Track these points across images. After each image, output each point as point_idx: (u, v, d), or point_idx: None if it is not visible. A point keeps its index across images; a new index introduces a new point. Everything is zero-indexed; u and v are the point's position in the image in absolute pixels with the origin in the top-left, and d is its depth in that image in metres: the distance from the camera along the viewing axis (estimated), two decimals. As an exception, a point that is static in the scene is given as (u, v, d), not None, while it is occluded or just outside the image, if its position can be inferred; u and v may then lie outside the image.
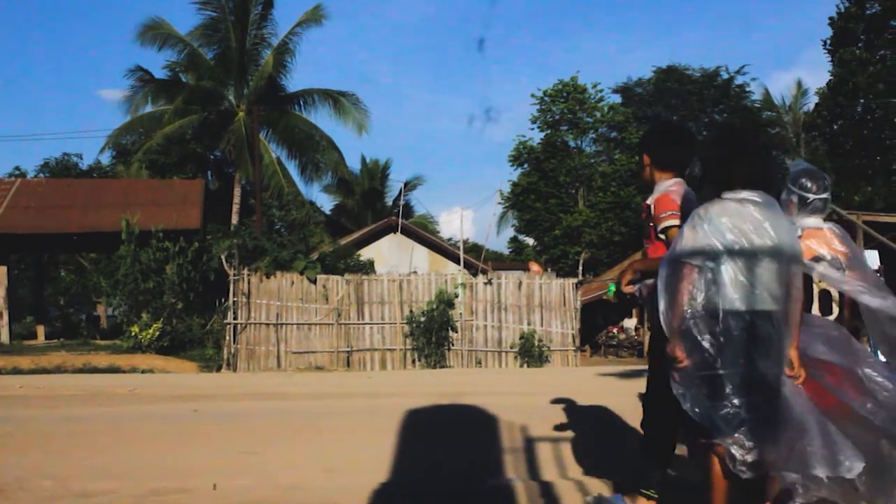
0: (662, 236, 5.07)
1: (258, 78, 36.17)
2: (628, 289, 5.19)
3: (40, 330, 32.74)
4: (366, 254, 28.93)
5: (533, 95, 44.44)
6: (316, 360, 21.86)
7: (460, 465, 7.16)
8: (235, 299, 21.64)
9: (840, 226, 5.68)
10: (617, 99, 46.79)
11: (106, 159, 45.07)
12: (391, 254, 31.85)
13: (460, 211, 43.45)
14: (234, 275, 21.64)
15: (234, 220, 35.63)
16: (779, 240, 4.28)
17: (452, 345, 22.27)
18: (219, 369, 21.27)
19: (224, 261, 21.86)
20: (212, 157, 41.29)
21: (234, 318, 21.58)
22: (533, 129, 45.48)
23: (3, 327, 28.07)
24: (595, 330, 33.03)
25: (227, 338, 21.57)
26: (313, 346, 21.97)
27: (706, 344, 4.17)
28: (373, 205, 50.70)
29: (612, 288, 5.26)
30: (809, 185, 5.74)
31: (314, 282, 22.18)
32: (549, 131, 44.27)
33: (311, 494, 6.09)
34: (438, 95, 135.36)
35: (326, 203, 52.64)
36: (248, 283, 21.79)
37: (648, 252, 5.26)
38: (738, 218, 4.28)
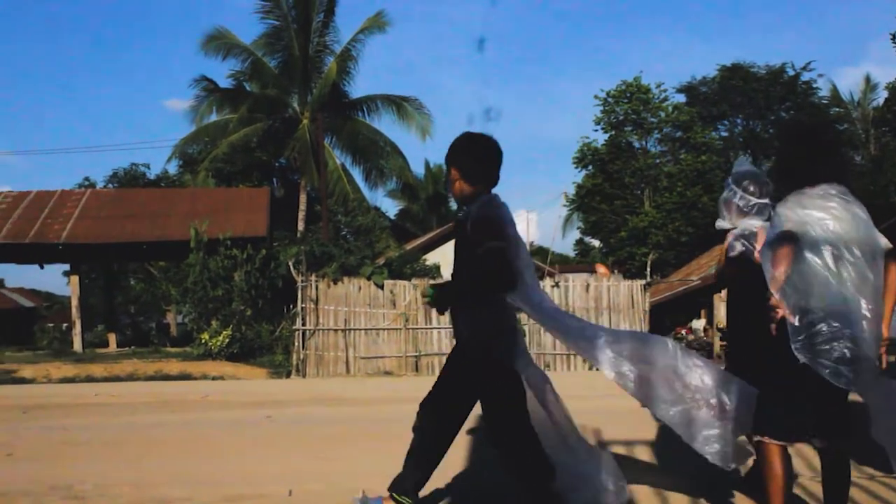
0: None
1: (322, 85, 36.32)
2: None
3: (112, 338, 33.16)
4: (431, 258, 28.91)
5: (596, 97, 44.27)
6: (384, 365, 21.88)
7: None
8: (304, 305, 21.72)
9: None
10: (681, 98, 46.43)
11: (173, 169, 45.58)
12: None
13: (525, 214, 43.31)
14: (302, 281, 21.72)
15: (301, 226, 35.84)
16: (863, 230, 4.27)
17: (521, 348, 22.16)
18: (288, 375, 21.36)
19: (292, 267, 21.95)
20: (277, 164, 41.58)
21: (303, 325, 21.65)
22: (597, 130, 45.35)
23: (76, 336, 28.47)
24: (663, 331, 32.74)
25: (296, 344, 21.65)
26: (382, 351, 21.99)
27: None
28: (437, 209, 50.76)
29: (430, 291, 5.17)
30: (753, 188, 5.84)
31: (381, 287, 22.20)
32: (613, 132, 44.05)
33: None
34: (500, 98, 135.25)
35: (391, 208, 52.79)
36: (316, 289, 21.86)
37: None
38: (822, 209, 4.27)
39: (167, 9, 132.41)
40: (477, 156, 5.23)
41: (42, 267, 34.28)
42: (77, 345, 28.00)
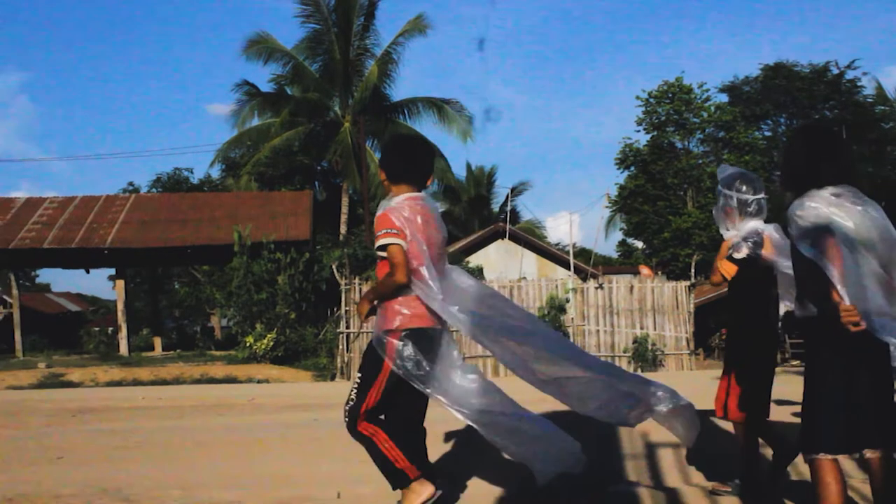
0: (383, 253, 4.87)
1: (363, 88, 36.39)
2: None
3: (157, 342, 33.41)
4: (474, 260, 28.91)
5: (638, 97, 44.03)
6: (428, 368, 21.85)
7: (586, 471, 7.08)
8: (347, 308, 21.77)
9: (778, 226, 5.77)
10: (724, 98, 45.99)
11: (216, 173, 45.87)
12: (499, 260, 31.76)
13: (568, 216, 43.29)
14: (346, 284, 21.78)
15: (343, 229, 35.94)
16: (879, 230, 4.18)
17: (565, 350, 22.08)
18: (333, 378, 21.42)
19: (335, 270, 22.01)
20: (319, 167, 41.69)
21: (347, 327, 21.71)
22: (639, 131, 45.03)
23: (121, 340, 28.72)
24: (708, 333, 32.52)
25: (340, 347, 21.72)
26: (425, 353, 21.95)
27: None
28: (479, 211, 50.69)
29: None
30: (745, 188, 5.84)
31: (424, 289, 22.17)
32: (655, 133, 43.76)
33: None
34: (541, 100, 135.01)
35: (432, 211, 52.74)
36: (360, 292, 21.89)
37: (377, 271, 5.12)
38: (838, 207, 4.19)
39: (209, 15, 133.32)
40: (397, 157, 5.24)
41: (88, 271, 34.64)
42: (123, 348, 28.23)
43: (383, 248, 4.81)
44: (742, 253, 5.70)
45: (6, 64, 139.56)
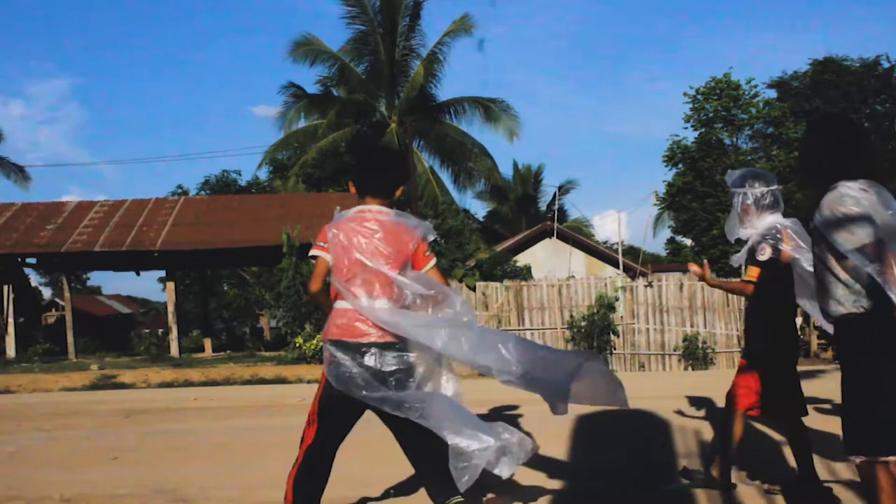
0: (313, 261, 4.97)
1: (409, 88, 36.42)
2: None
3: (207, 343, 33.66)
4: (522, 259, 28.87)
5: (685, 94, 43.68)
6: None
7: (635, 470, 7.04)
8: (396, 308, 21.77)
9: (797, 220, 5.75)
10: (772, 94, 45.63)
11: (263, 175, 46.13)
12: (547, 259, 31.70)
13: (616, 214, 43.05)
14: (395, 284, 21.78)
15: (392, 229, 35.94)
16: None
17: (614, 349, 21.98)
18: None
19: (383, 270, 22.03)
20: (365, 168, 41.72)
21: (395, 328, 21.72)
22: (686, 127, 44.68)
23: (172, 341, 28.96)
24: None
25: (389, 346, 21.73)
26: (475, 352, 21.91)
27: None
28: (526, 210, 50.60)
29: None
30: (757, 183, 5.74)
31: (473, 289, 22.18)
32: (702, 130, 43.44)
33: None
34: (588, 98, 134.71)
35: (479, 210, 52.72)
36: (408, 291, 21.90)
37: None
38: (867, 202, 4.07)
39: (254, 18, 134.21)
40: (357, 170, 5.26)
41: (138, 274, 34.95)
42: (174, 350, 28.46)
43: (314, 257, 4.96)
44: (766, 254, 5.66)
45: (56, 70, 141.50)
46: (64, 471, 7.97)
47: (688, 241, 47.67)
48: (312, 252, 4.94)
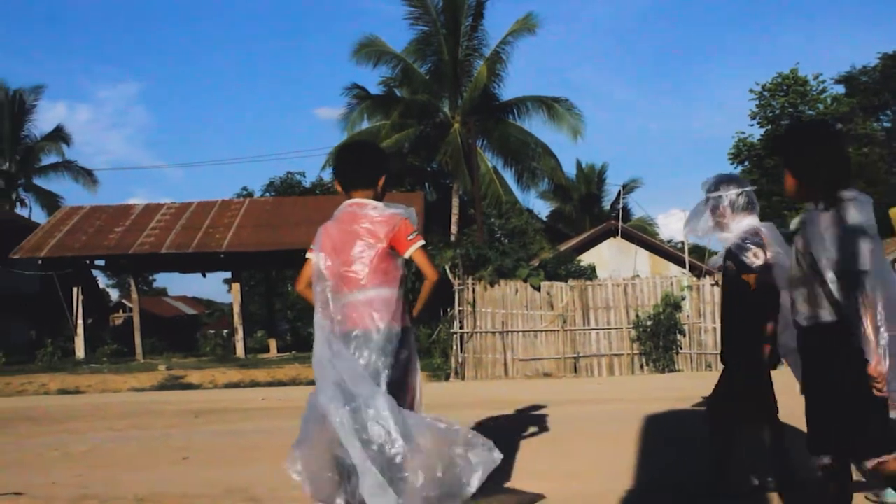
0: None
1: (472, 88, 36.31)
2: None
3: (272, 343, 33.88)
4: (586, 259, 28.67)
5: (751, 90, 43.25)
6: (543, 367, 21.75)
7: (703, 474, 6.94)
8: (461, 308, 21.75)
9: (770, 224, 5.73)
10: (840, 89, 44.94)
11: (327, 176, 46.29)
12: (612, 258, 31.48)
13: (681, 213, 42.63)
14: (459, 284, 21.75)
15: (454, 230, 35.92)
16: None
17: (680, 348, 21.77)
18: (447, 378, 21.42)
19: (448, 271, 21.99)
20: (429, 169, 41.74)
21: (461, 328, 21.69)
22: (752, 124, 44.26)
23: (238, 342, 29.19)
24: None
25: (454, 347, 21.70)
26: (540, 353, 21.87)
27: None
28: (590, 209, 50.38)
29: None
30: (730, 185, 5.79)
31: (538, 289, 22.08)
32: (769, 126, 42.97)
33: (559, 502, 6.03)
34: (652, 96, 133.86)
35: (543, 209, 52.52)
36: (473, 292, 21.87)
37: None
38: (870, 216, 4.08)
39: (317, 21, 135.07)
40: (336, 167, 5.38)
41: (205, 275, 35.26)
42: (239, 350, 28.69)
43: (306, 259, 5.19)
44: (760, 259, 5.61)
45: (123, 74, 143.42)
46: (136, 470, 8.03)
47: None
48: (307, 254, 5.17)
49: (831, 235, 4.03)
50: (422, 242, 5.05)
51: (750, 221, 5.77)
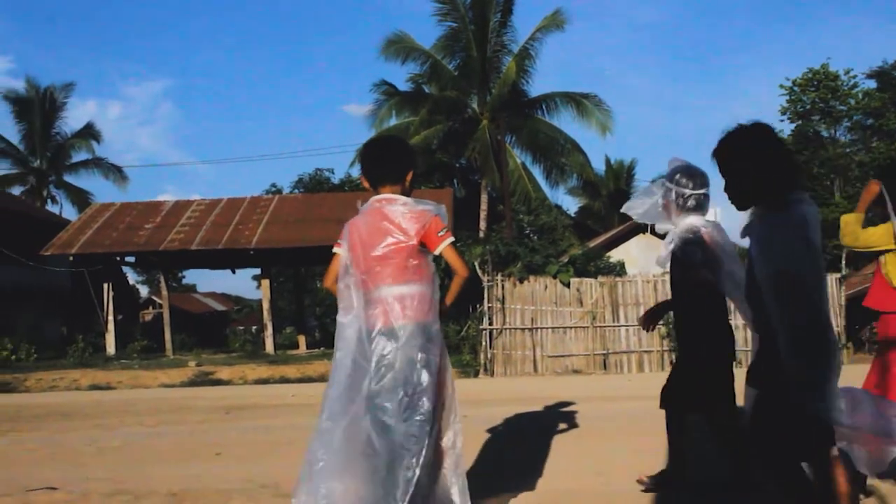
0: None
1: (501, 85, 36.27)
2: None
3: (301, 340, 33.97)
4: (615, 255, 28.57)
5: (781, 86, 43.02)
6: (572, 364, 21.73)
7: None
8: (490, 305, 21.73)
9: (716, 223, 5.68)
10: (872, 84, 44.59)
11: (356, 172, 46.37)
12: (640, 255, 31.34)
13: (713, 210, 42.44)
14: (488, 281, 21.73)
15: (482, 226, 35.91)
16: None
17: (710, 345, 21.68)
18: (476, 375, 21.42)
19: (477, 267, 21.97)
20: (457, 165, 41.74)
21: (490, 324, 21.67)
22: (783, 120, 44.02)
23: (268, 338, 29.26)
24: (853, 325, 31.53)
25: (484, 343, 21.69)
26: (569, 349, 21.84)
27: None
28: (619, 206, 50.10)
29: None
30: (686, 181, 5.65)
31: (567, 285, 22.04)
32: (799, 122, 42.73)
33: (588, 499, 6.02)
34: (681, 91, 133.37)
35: (571, 205, 52.46)
36: (502, 288, 21.85)
37: None
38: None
39: (345, 17, 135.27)
40: (363, 161, 5.32)
41: (234, 272, 35.40)
42: (269, 347, 28.76)
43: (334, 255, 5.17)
44: (697, 257, 5.58)
45: (152, 72, 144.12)
46: (169, 465, 8.07)
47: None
48: (334, 249, 5.16)
49: (768, 239, 3.92)
50: (451, 239, 4.98)
51: (693, 220, 5.72)
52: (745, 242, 4.16)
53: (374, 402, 4.76)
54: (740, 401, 4.45)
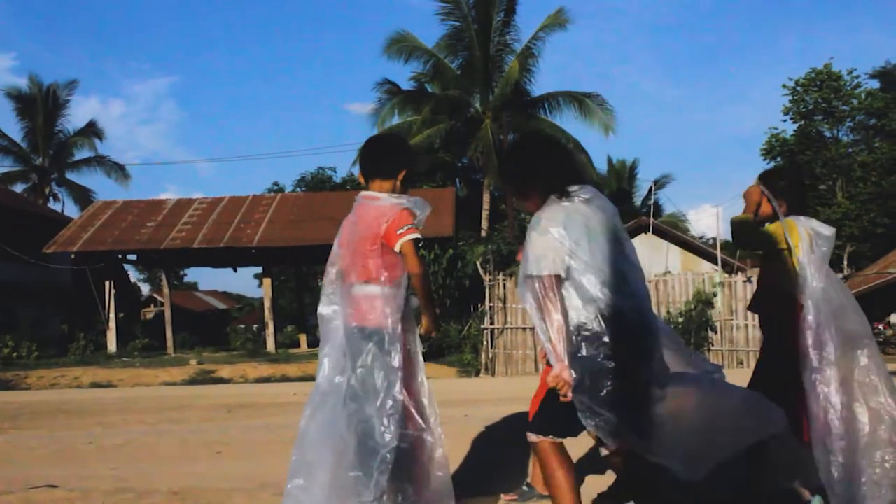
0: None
1: (503, 84, 36.20)
2: None
3: (303, 338, 33.96)
4: (617, 255, 28.53)
5: (784, 86, 43.00)
6: (573, 364, 21.67)
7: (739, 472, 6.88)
8: (491, 304, 21.74)
9: None
10: (875, 84, 44.57)
11: (358, 171, 46.41)
12: (643, 254, 30.66)
13: (713, 209, 42.49)
14: (490, 280, 21.73)
15: (484, 226, 35.88)
16: None
17: (712, 345, 21.67)
18: (477, 374, 21.42)
19: (479, 267, 21.97)
20: (460, 164, 41.71)
21: (491, 324, 21.67)
22: (785, 120, 43.99)
23: (269, 337, 29.25)
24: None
25: (485, 343, 21.69)
26: (570, 349, 21.78)
27: None
28: (621, 205, 50.17)
29: None
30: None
31: (569, 284, 21.98)
32: (802, 122, 42.70)
33: (587, 499, 6.01)
34: (683, 91, 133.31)
35: (574, 205, 52.29)
36: (504, 288, 21.85)
37: None
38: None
39: (348, 15, 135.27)
40: (360, 157, 5.32)
41: (235, 270, 35.37)
42: (270, 345, 28.74)
43: None
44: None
45: (155, 70, 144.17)
46: (170, 464, 8.07)
47: (787, 236, 46.85)
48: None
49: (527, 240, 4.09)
50: (413, 235, 4.88)
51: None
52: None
53: (347, 400, 4.76)
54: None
